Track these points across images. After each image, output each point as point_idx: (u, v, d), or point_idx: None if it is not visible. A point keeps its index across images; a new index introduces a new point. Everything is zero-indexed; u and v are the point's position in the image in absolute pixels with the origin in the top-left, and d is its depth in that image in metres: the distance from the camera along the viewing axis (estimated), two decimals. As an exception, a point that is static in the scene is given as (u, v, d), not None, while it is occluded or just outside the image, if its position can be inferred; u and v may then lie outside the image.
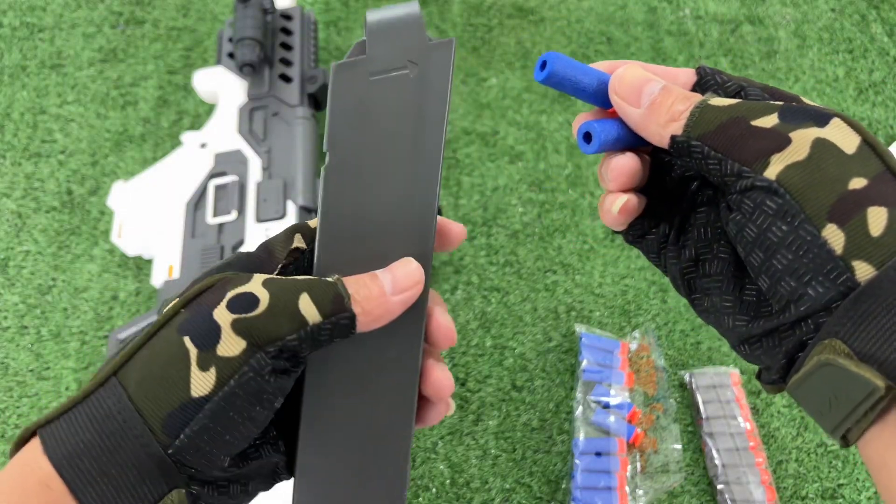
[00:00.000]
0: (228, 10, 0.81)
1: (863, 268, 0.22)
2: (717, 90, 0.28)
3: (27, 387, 0.59)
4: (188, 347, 0.23)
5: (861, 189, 0.22)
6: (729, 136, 0.25)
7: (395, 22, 0.26)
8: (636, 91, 0.27)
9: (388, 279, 0.26)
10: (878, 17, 0.81)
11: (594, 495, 0.52)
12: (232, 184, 0.61)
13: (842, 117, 0.24)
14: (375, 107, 0.26)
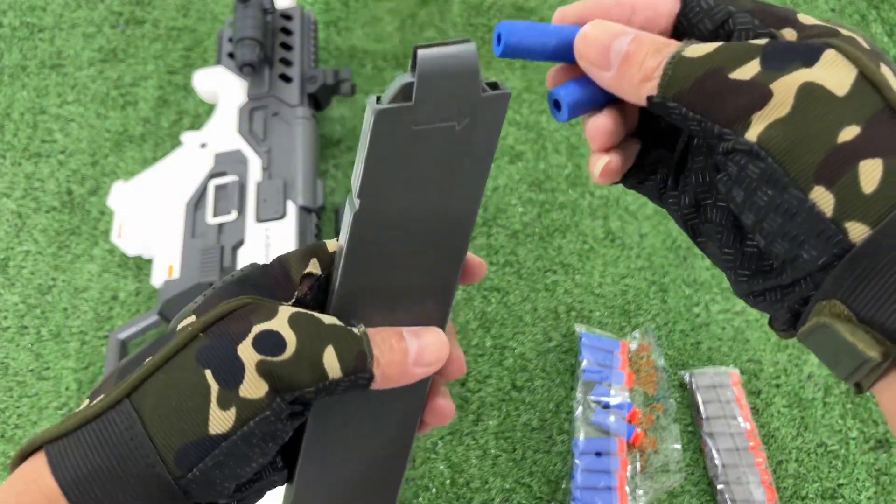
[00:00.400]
0: (228, 9, 0.81)
1: (857, 228, 0.20)
2: (702, 19, 0.25)
3: (27, 387, 0.59)
4: (209, 382, 0.23)
5: (852, 140, 0.20)
6: (706, 94, 0.23)
7: (450, 68, 0.23)
8: (603, 51, 0.24)
9: (414, 347, 0.26)
10: (878, 17, 0.81)
11: (594, 495, 0.52)
12: (232, 184, 0.60)
13: (836, 46, 0.22)
14: (414, 157, 0.24)
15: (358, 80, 0.76)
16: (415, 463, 0.55)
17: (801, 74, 0.21)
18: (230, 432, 0.23)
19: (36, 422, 0.57)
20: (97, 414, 0.23)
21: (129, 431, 0.22)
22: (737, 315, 0.62)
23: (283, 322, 0.24)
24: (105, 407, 0.23)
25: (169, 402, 0.23)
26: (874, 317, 0.20)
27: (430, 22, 0.81)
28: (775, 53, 0.22)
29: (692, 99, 0.23)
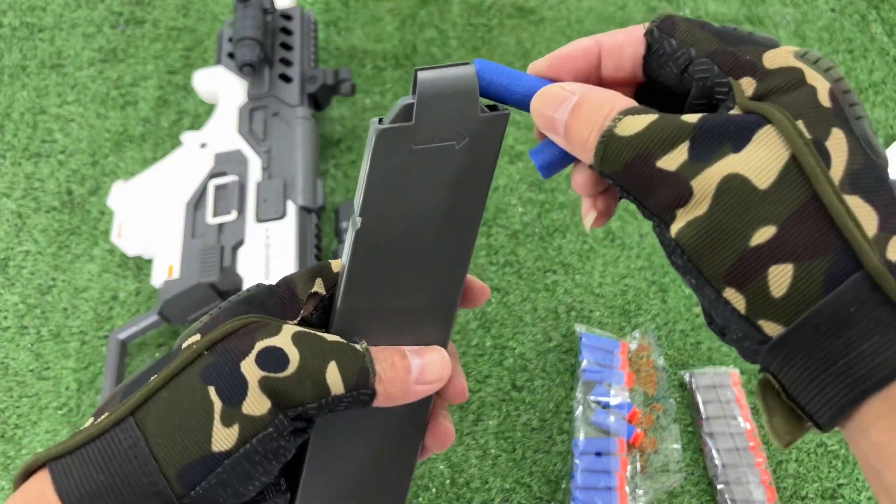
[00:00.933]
0: (228, 9, 0.81)
1: (770, 326, 0.21)
2: (667, 62, 0.25)
3: (27, 387, 0.59)
4: (212, 399, 0.23)
5: (766, 243, 0.20)
6: (636, 179, 0.23)
7: (449, 89, 0.24)
8: (549, 122, 0.25)
9: (416, 365, 0.26)
10: (878, 17, 0.81)
11: (594, 495, 0.52)
12: (232, 184, 0.60)
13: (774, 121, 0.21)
14: (415, 177, 0.25)
15: (358, 80, 0.76)
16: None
17: (726, 164, 0.21)
18: (233, 449, 0.23)
19: (36, 422, 0.57)
20: (101, 432, 0.23)
21: (132, 449, 0.22)
22: (737, 315, 0.62)
23: (286, 339, 0.24)
24: (109, 425, 0.23)
25: (172, 419, 0.23)
26: (798, 397, 0.21)
27: (430, 22, 0.81)
28: (706, 135, 0.21)
29: (625, 181, 0.23)
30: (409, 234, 0.26)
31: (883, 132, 0.72)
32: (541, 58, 0.27)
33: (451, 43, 0.79)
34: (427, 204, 0.26)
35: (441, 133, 0.25)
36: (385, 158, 0.25)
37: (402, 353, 0.26)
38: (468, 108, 0.24)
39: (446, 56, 0.78)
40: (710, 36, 0.24)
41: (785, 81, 0.22)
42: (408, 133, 0.24)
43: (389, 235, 0.26)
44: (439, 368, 0.27)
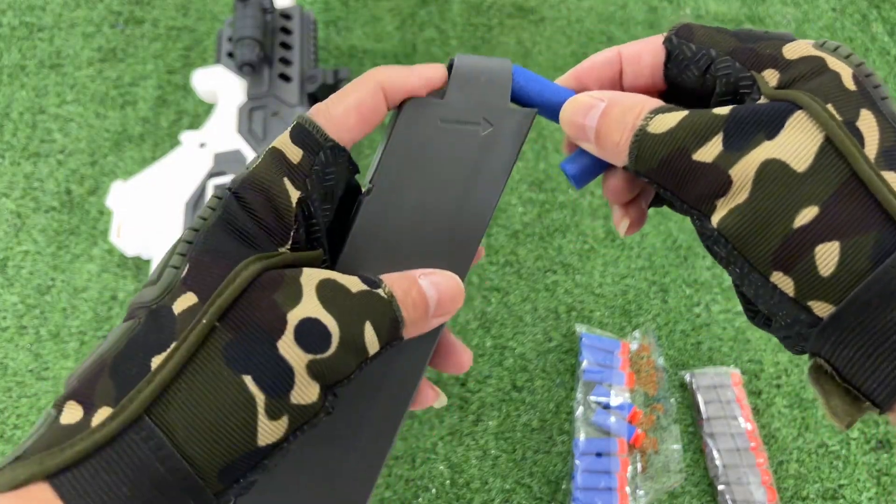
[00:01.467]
0: (228, 9, 0.81)
1: (820, 306, 0.21)
2: (688, 66, 0.25)
3: (26, 387, 0.58)
4: (252, 392, 0.20)
5: (809, 223, 0.20)
6: (672, 174, 0.23)
7: (484, 75, 0.25)
8: (580, 129, 0.25)
9: (434, 298, 0.25)
10: (879, 17, 0.80)
11: (594, 496, 0.52)
12: (231, 183, 0.60)
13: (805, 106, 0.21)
14: (435, 153, 0.25)
15: (358, 80, 0.76)
16: (415, 463, 0.55)
17: (763, 151, 0.21)
18: (282, 440, 0.21)
19: (35, 422, 0.57)
20: (110, 438, 0.19)
21: (157, 453, 0.19)
22: (738, 315, 0.62)
23: (314, 301, 0.21)
24: (120, 427, 0.19)
25: (205, 417, 0.20)
26: (853, 378, 0.20)
27: (430, 21, 0.81)
28: (738, 125, 0.22)
29: (661, 178, 0.23)
30: (418, 211, 0.26)
31: (884, 132, 0.72)
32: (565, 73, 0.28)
33: (451, 42, 0.79)
34: (441, 183, 0.26)
35: (468, 115, 0.25)
36: (409, 128, 0.25)
37: (417, 286, 0.24)
38: (499, 97, 0.25)
39: (446, 56, 0.78)
40: (728, 36, 0.25)
41: (808, 69, 0.23)
42: (436, 108, 0.25)
43: (398, 208, 0.26)
44: (455, 296, 0.25)
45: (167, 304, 0.21)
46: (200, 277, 0.21)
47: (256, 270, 0.21)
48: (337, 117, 0.24)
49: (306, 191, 0.24)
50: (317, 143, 0.24)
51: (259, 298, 0.21)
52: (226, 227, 0.23)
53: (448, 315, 0.25)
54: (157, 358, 0.20)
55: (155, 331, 0.21)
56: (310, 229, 0.24)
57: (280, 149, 0.24)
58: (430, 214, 0.26)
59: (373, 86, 0.25)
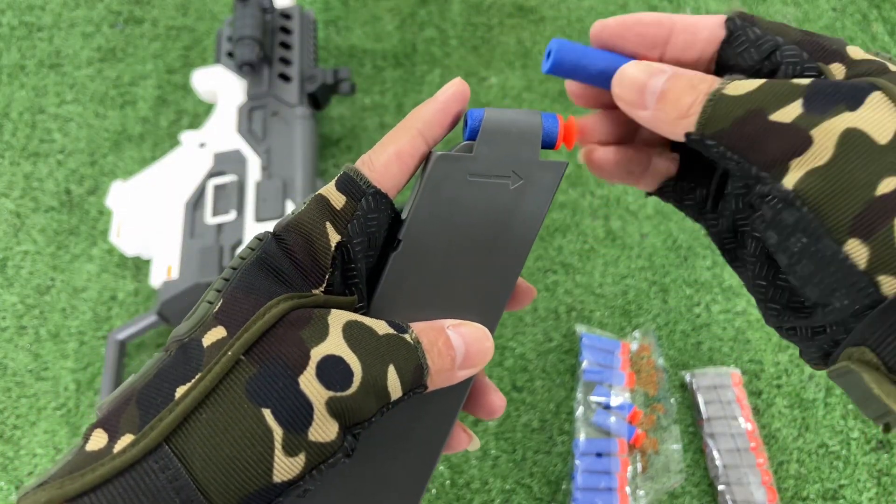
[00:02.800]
0: (227, 8, 0.81)
1: (889, 282, 0.20)
2: (748, 49, 0.25)
3: (26, 387, 0.58)
4: (270, 426, 0.20)
5: (891, 193, 0.20)
6: (745, 135, 0.22)
7: (513, 129, 0.25)
8: (640, 91, 0.24)
9: (461, 349, 0.25)
10: (880, 17, 0.80)
11: (595, 496, 0.52)
12: (231, 183, 0.60)
13: (883, 88, 0.21)
14: (465, 208, 0.26)
15: (357, 80, 0.76)
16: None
17: (844, 119, 0.21)
18: (298, 478, 0.20)
19: (34, 422, 0.57)
20: (129, 464, 0.19)
21: (173, 483, 0.19)
22: (738, 315, 0.62)
23: (339, 340, 0.22)
24: (139, 455, 0.19)
25: (221, 449, 0.20)
26: None
27: (429, 21, 0.81)
28: (819, 95, 0.22)
29: (731, 139, 0.23)
30: (448, 265, 0.26)
31: (884, 132, 0.72)
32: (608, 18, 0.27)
33: (450, 42, 0.79)
34: (471, 237, 0.26)
35: (497, 169, 0.25)
36: (439, 184, 0.25)
37: (445, 336, 0.24)
38: (528, 151, 0.25)
39: (446, 56, 0.78)
40: (791, 29, 0.25)
41: (873, 68, 0.23)
42: (465, 162, 0.25)
43: (427, 262, 0.26)
44: (482, 350, 0.25)
45: (197, 337, 0.22)
46: (231, 312, 0.22)
47: (286, 308, 0.22)
48: (379, 167, 0.25)
49: (347, 235, 0.24)
50: (360, 190, 0.25)
51: (285, 334, 0.21)
52: (262, 266, 0.23)
53: (476, 368, 0.25)
54: (182, 388, 0.20)
55: (182, 362, 0.21)
56: (348, 273, 0.24)
57: (325, 195, 0.25)
58: (460, 268, 0.26)
59: (412, 134, 0.25)
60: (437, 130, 0.26)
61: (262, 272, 0.23)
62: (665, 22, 0.26)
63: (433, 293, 0.26)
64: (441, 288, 0.26)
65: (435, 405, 0.27)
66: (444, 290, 0.26)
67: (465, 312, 0.26)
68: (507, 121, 0.25)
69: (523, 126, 0.25)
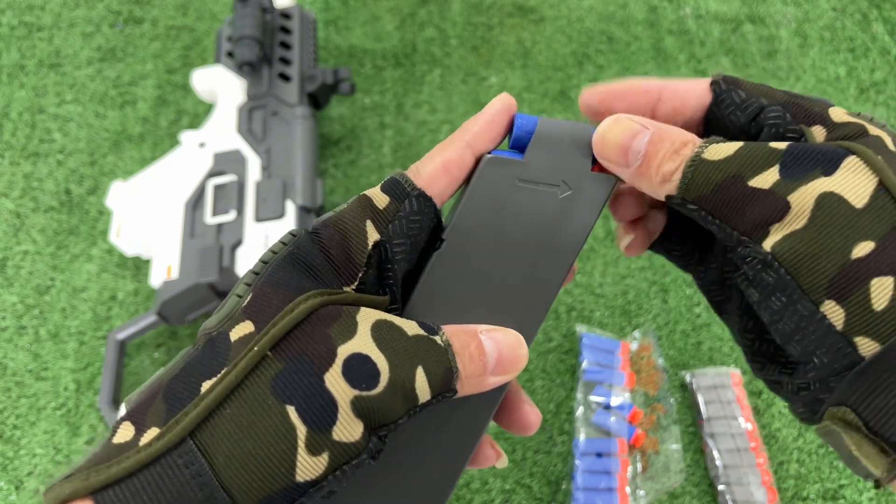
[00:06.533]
0: (227, 8, 0.81)
1: (866, 343, 0.20)
2: (734, 111, 0.25)
3: (25, 387, 0.58)
4: (294, 423, 0.20)
5: (866, 257, 0.20)
6: (726, 201, 0.23)
7: (566, 138, 0.25)
8: (622, 151, 0.25)
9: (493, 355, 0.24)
10: (880, 17, 0.80)
11: (595, 496, 0.52)
12: (231, 183, 0.60)
13: (859, 153, 0.22)
14: (512, 212, 0.25)
15: (357, 80, 0.76)
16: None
17: (820, 184, 0.21)
18: (320, 478, 0.20)
19: (34, 422, 0.57)
20: (154, 457, 0.19)
21: (195, 480, 0.19)
22: (738, 315, 0.62)
23: (367, 339, 0.21)
24: (163, 449, 0.19)
25: (244, 445, 0.19)
26: (882, 429, 0.20)
27: (429, 21, 0.81)
28: (796, 159, 0.22)
29: (712, 204, 0.23)
30: (489, 269, 0.26)
31: (884, 131, 0.72)
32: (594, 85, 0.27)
33: (450, 42, 0.79)
34: (515, 243, 0.26)
35: (547, 177, 0.25)
36: (487, 186, 0.25)
37: (477, 341, 0.24)
38: (580, 161, 0.25)
39: (446, 55, 0.78)
40: (777, 90, 0.25)
41: (853, 132, 0.23)
42: (515, 167, 0.25)
43: (468, 264, 0.26)
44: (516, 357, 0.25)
45: (225, 331, 0.21)
46: (260, 307, 0.22)
47: (316, 304, 0.21)
48: (426, 175, 0.25)
49: (387, 235, 0.24)
50: (404, 192, 0.25)
51: (313, 331, 0.21)
52: (294, 260, 0.23)
53: (509, 376, 0.25)
54: (208, 382, 0.20)
55: (210, 357, 0.21)
56: (384, 274, 0.24)
57: (369, 195, 0.25)
58: (501, 273, 0.26)
59: (461, 146, 0.26)
60: (486, 142, 0.26)
61: (292, 267, 0.23)
62: (653, 89, 0.26)
63: (472, 297, 0.26)
64: (480, 292, 0.26)
65: (464, 413, 0.27)
66: (482, 295, 0.26)
67: (503, 319, 0.26)
68: (562, 130, 0.25)
69: (577, 136, 0.25)
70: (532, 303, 0.26)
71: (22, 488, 0.54)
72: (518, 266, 0.26)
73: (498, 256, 0.26)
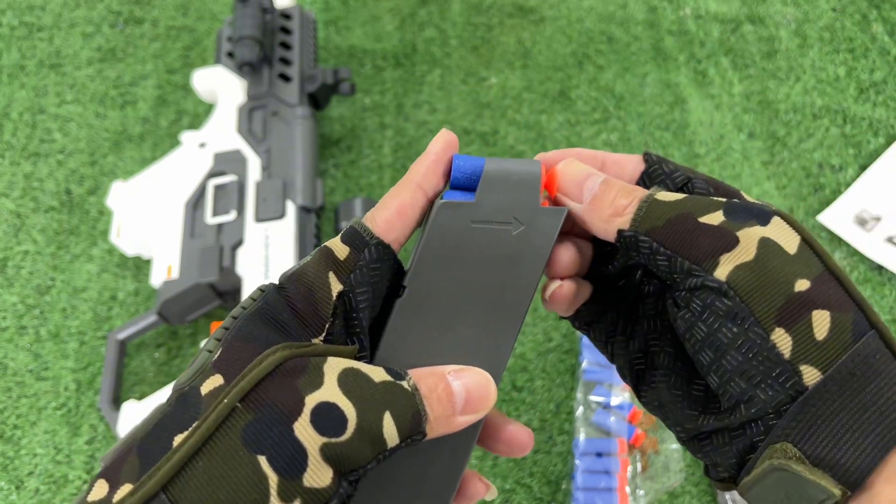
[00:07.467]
0: (227, 9, 0.81)
1: (810, 372, 0.22)
2: (664, 180, 0.28)
3: (26, 387, 0.58)
4: (265, 472, 0.20)
5: (805, 291, 0.22)
6: (677, 233, 0.24)
7: (513, 177, 0.26)
8: (577, 186, 0.27)
9: (462, 395, 0.25)
10: (880, 17, 0.80)
11: (595, 496, 0.52)
12: (231, 183, 0.60)
13: (781, 215, 0.24)
14: (469, 254, 0.26)
15: (357, 80, 0.76)
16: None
17: (759, 230, 0.24)
18: None
19: (35, 422, 0.57)
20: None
21: None
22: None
23: (334, 387, 0.22)
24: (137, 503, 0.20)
25: (218, 496, 0.20)
26: (826, 457, 0.21)
27: (429, 21, 0.81)
28: (735, 209, 0.25)
29: (664, 236, 0.25)
30: (452, 311, 0.27)
31: (884, 132, 0.72)
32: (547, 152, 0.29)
33: (450, 42, 0.79)
34: (474, 283, 0.26)
35: (499, 216, 0.26)
36: (442, 231, 0.26)
37: (445, 383, 0.25)
38: (529, 197, 0.26)
39: (446, 56, 0.78)
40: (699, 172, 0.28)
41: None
42: (467, 209, 0.26)
43: (431, 309, 0.26)
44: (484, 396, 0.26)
45: (196, 385, 0.22)
46: (229, 360, 0.22)
47: (283, 356, 0.22)
48: (381, 221, 0.26)
49: (350, 285, 0.25)
50: (363, 241, 0.26)
51: (282, 382, 0.21)
52: (263, 316, 0.24)
53: (478, 415, 0.25)
54: (180, 436, 0.21)
55: (181, 411, 0.21)
56: (350, 323, 0.25)
57: (330, 247, 0.26)
58: (464, 314, 0.27)
59: (412, 188, 0.27)
60: (434, 182, 0.27)
61: (261, 321, 0.24)
62: (598, 157, 0.29)
63: (437, 340, 0.27)
64: (445, 334, 0.27)
65: (442, 453, 0.27)
66: (448, 337, 0.27)
67: (470, 358, 0.27)
68: (509, 169, 0.26)
69: (524, 174, 0.26)
70: (497, 340, 0.27)
71: (22, 488, 0.54)
72: (480, 305, 0.27)
73: (460, 297, 0.27)
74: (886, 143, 0.71)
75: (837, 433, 0.21)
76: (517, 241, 0.26)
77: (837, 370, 0.22)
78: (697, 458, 0.26)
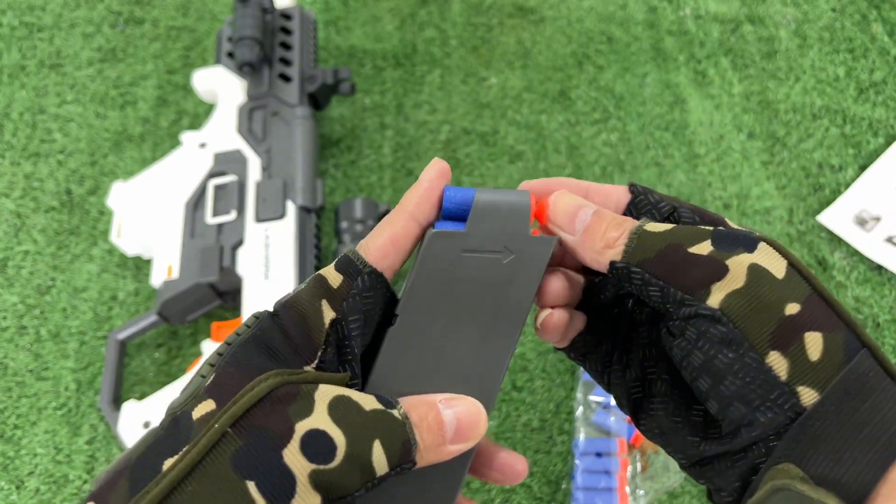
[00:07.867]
0: (228, 9, 0.81)
1: (807, 393, 0.22)
2: (650, 210, 0.28)
3: (26, 387, 0.58)
4: (254, 498, 0.20)
5: (796, 314, 0.23)
6: (669, 264, 0.25)
7: (503, 207, 0.26)
8: (569, 218, 0.27)
9: (452, 424, 0.25)
10: (879, 17, 0.80)
11: (594, 496, 0.52)
12: (231, 183, 0.60)
13: (767, 241, 0.25)
14: (460, 282, 0.27)
15: (357, 80, 0.76)
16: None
17: (747, 257, 0.24)
18: None
19: (35, 422, 0.57)
20: None
21: None
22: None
23: (324, 415, 0.22)
24: None
25: None
26: (828, 476, 0.21)
27: (429, 21, 0.81)
28: (722, 238, 0.25)
29: (656, 267, 0.25)
30: (443, 340, 0.27)
31: (884, 132, 0.72)
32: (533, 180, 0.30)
33: (451, 42, 0.79)
34: (466, 311, 0.27)
35: (490, 245, 0.26)
36: (434, 261, 0.26)
37: (435, 412, 0.25)
38: (519, 226, 0.27)
39: (446, 56, 0.78)
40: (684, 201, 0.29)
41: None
42: (459, 239, 0.26)
43: (423, 337, 0.27)
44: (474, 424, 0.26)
45: (188, 409, 0.22)
46: (222, 386, 0.23)
47: (275, 383, 0.22)
48: (374, 250, 0.26)
49: (342, 313, 0.25)
50: (356, 270, 0.26)
51: (272, 409, 0.22)
52: (256, 342, 0.24)
53: (469, 443, 0.26)
54: (170, 460, 0.21)
55: (172, 435, 0.22)
56: (342, 350, 0.25)
57: (323, 275, 0.26)
58: (456, 342, 0.27)
59: (405, 217, 0.27)
60: (427, 211, 0.27)
61: (255, 348, 0.24)
62: (583, 186, 0.29)
63: (429, 368, 0.27)
64: (437, 363, 0.27)
65: (433, 481, 0.27)
66: (440, 365, 0.27)
67: (461, 387, 0.27)
68: (499, 199, 0.27)
69: (514, 204, 0.27)
70: (488, 368, 0.27)
71: (23, 488, 0.54)
72: (471, 334, 0.27)
73: (451, 326, 0.27)
74: (886, 143, 0.71)
75: (838, 451, 0.21)
76: (508, 269, 0.27)
77: (833, 389, 0.22)
78: (700, 483, 0.26)
